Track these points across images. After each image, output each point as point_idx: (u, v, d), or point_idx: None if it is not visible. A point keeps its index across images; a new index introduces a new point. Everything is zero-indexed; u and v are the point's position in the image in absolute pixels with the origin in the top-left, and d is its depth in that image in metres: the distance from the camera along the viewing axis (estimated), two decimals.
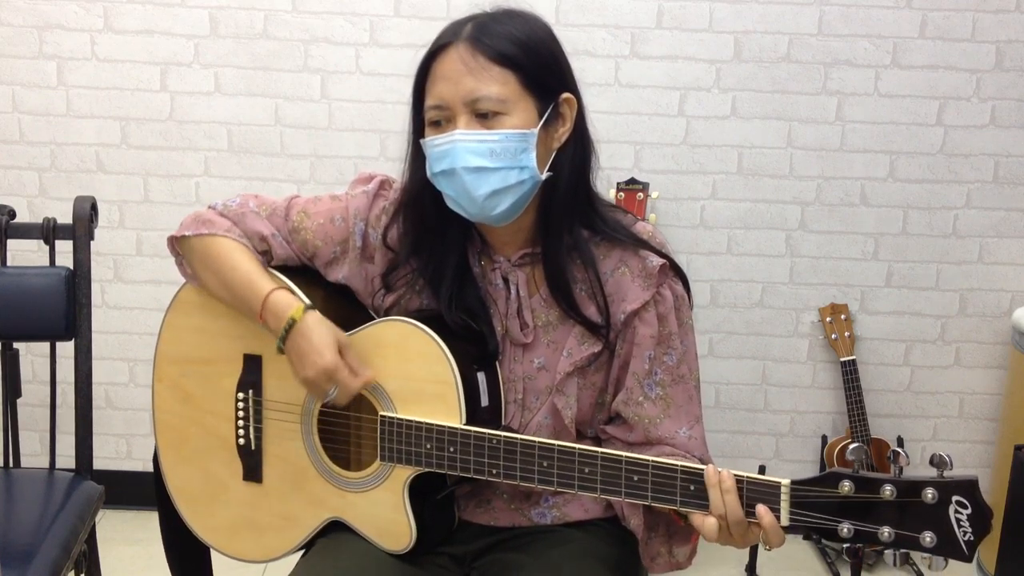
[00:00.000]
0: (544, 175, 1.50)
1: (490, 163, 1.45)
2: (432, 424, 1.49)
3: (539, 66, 1.48)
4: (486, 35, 1.46)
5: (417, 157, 1.54)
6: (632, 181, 2.90)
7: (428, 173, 1.51)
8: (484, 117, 1.45)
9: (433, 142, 1.48)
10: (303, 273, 1.66)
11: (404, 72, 1.52)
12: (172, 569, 1.83)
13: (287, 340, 1.53)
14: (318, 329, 1.52)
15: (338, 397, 1.53)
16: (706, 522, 1.34)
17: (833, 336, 3.08)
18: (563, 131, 1.52)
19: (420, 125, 1.52)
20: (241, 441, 1.67)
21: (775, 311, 3.16)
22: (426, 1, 2.98)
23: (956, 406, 3.22)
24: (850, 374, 3.07)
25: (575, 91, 1.53)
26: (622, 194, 2.85)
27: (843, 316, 3.08)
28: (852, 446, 1.30)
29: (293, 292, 1.58)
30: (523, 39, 1.47)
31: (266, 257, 1.65)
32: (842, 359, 3.08)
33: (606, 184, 2.87)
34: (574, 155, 1.53)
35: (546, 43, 1.51)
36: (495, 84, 1.44)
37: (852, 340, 3.08)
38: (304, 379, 1.53)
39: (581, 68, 1.56)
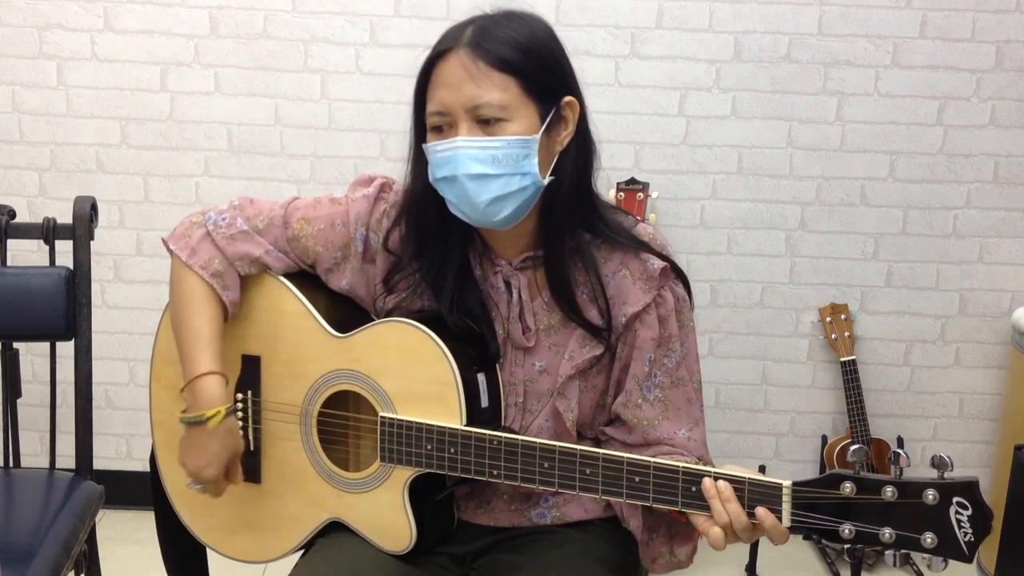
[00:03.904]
0: (546, 180, 1.50)
1: (492, 170, 1.45)
2: (432, 425, 1.48)
3: (541, 71, 1.47)
4: (487, 40, 1.45)
5: (419, 160, 1.54)
6: (632, 181, 2.90)
7: (430, 178, 1.50)
8: (486, 123, 1.44)
9: (435, 148, 1.48)
10: (305, 276, 1.66)
11: (404, 72, 1.52)
12: (169, 569, 1.83)
13: (191, 427, 1.57)
14: (221, 441, 1.57)
15: (203, 492, 1.63)
16: (711, 532, 1.34)
17: (833, 336, 3.08)
18: (565, 135, 1.51)
19: (422, 129, 1.52)
20: None
21: (775, 311, 3.16)
22: (426, 1, 2.98)
23: (956, 406, 3.22)
24: (850, 374, 3.07)
25: (577, 93, 1.52)
26: (622, 194, 2.84)
27: (843, 316, 3.08)
28: (853, 448, 1.30)
29: (225, 381, 1.60)
30: (524, 43, 1.46)
31: (263, 270, 1.64)
32: (842, 359, 3.08)
33: (606, 184, 2.87)
34: (576, 158, 1.52)
35: (548, 46, 1.50)
36: (496, 90, 1.44)
37: (852, 340, 3.08)
38: (183, 464, 1.61)
39: (581, 68, 1.55)
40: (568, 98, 1.51)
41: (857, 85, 3.02)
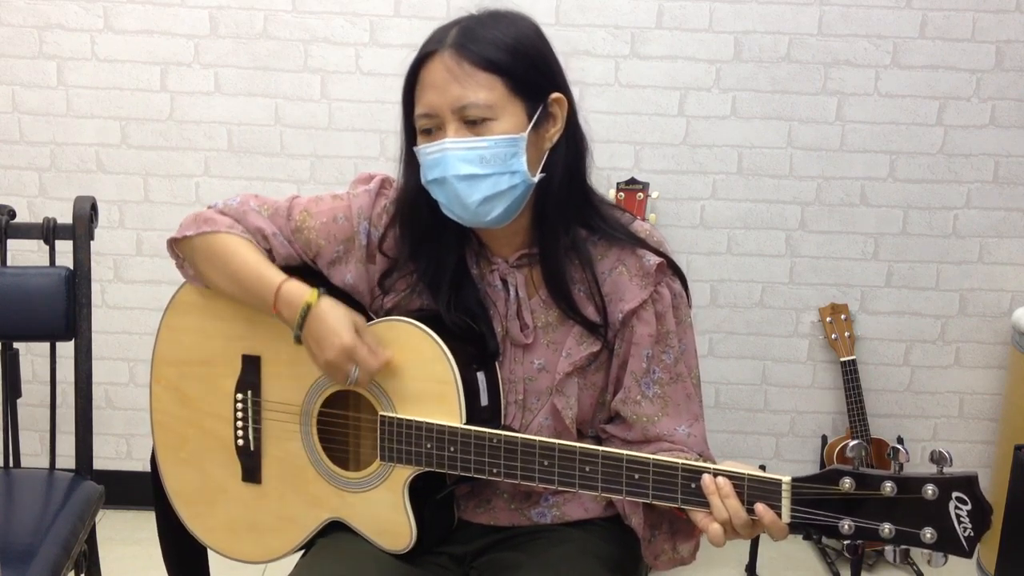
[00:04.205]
0: (537, 177, 1.50)
1: (480, 170, 1.45)
2: (432, 424, 1.48)
3: (526, 69, 1.47)
4: (471, 41, 1.45)
5: (411, 162, 1.54)
6: (632, 181, 2.90)
7: (422, 180, 1.50)
8: (473, 124, 1.45)
9: (424, 150, 1.48)
10: (306, 274, 1.65)
11: (404, 72, 1.52)
12: (169, 570, 1.83)
13: (304, 327, 1.52)
14: (334, 311, 1.51)
15: (360, 377, 1.51)
16: (711, 528, 1.35)
17: (833, 336, 3.08)
18: (554, 131, 1.51)
19: (412, 132, 1.52)
20: (240, 442, 1.67)
21: (775, 311, 3.16)
22: (426, 1, 2.98)
23: (956, 406, 3.22)
24: (850, 374, 3.07)
25: (565, 90, 1.52)
26: (622, 194, 2.85)
27: (843, 316, 3.08)
28: (852, 443, 1.30)
29: (304, 279, 1.57)
30: (509, 42, 1.46)
31: (268, 256, 1.64)
32: (842, 359, 3.08)
33: (606, 184, 2.88)
34: (567, 155, 1.52)
35: (533, 44, 1.50)
36: (482, 91, 1.44)
37: (852, 340, 3.08)
38: (325, 363, 1.52)
39: (581, 68, 1.56)
40: (556, 95, 1.51)
41: (857, 85, 3.02)
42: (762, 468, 3.22)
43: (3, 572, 1.72)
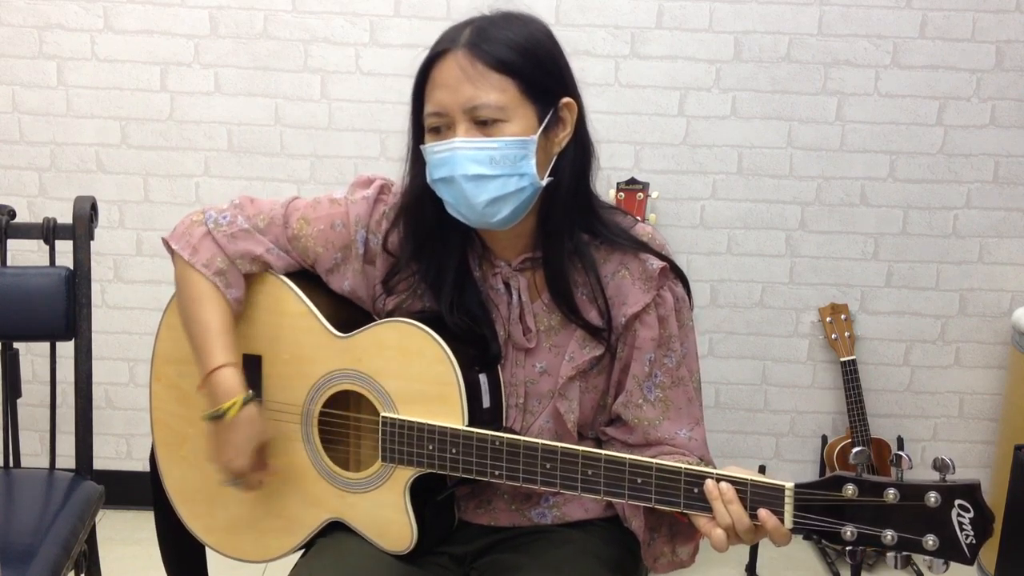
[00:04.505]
0: (544, 181, 1.49)
1: (489, 171, 1.45)
2: (434, 425, 1.48)
3: (538, 72, 1.47)
4: (485, 41, 1.45)
5: (417, 162, 1.54)
6: (632, 181, 2.90)
7: (428, 179, 1.50)
8: (484, 124, 1.44)
9: (432, 149, 1.48)
10: (307, 275, 1.65)
11: (404, 72, 1.52)
12: (168, 569, 1.83)
13: (214, 422, 1.57)
14: (244, 431, 1.55)
15: (239, 487, 1.60)
16: (714, 533, 1.34)
17: (833, 336, 3.08)
18: (563, 136, 1.51)
19: (420, 130, 1.52)
20: None
21: (775, 311, 3.16)
22: (426, 1, 2.98)
23: (956, 406, 3.22)
24: (850, 374, 3.07)
25: (575, 95, 1.52)
26: (622, 194, 2.84)
27: (843, 316, 3.08)
28: (855, 450, 1.30)
29: (241, 371, 1.60)
30: (522, 44, 1.46)
31: (265, 269, 1.64)
32: (842, 359, 3.08)
33: (606, 184, 2.87)
34: (574, 159, 1.52)
35: (546, 48, 1.50)
36: (494, 92, 1.44)
37: (852, 340, 3.08)
38: (215, 461, 1.59)
39: (581, 68, 1.55)
40: (566, 99, 1.51)
41: (857, 85, 3.02)
42: (762, 468, 3.23)
43: (3, 572, 1.72)
